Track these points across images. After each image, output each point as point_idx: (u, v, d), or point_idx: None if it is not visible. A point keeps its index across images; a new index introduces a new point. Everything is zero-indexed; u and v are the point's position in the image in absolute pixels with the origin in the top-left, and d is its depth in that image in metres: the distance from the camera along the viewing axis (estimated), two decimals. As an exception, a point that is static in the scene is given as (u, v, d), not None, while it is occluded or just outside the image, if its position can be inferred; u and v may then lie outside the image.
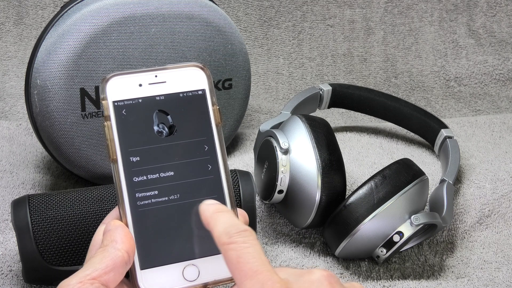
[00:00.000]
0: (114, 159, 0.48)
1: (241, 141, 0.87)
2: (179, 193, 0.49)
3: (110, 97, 0.49)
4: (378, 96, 0.84)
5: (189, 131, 0.50)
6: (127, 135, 0.49)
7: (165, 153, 0.49)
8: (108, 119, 0.48)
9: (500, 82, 1.05)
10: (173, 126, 0.50)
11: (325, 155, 0.63)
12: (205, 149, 0.50)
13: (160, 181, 0.49)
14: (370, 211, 0.61)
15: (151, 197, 0.48)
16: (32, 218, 0.57)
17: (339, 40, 1.05)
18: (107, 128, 0.48)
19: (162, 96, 0.50)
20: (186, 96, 0.50)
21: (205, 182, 0.49)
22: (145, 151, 0.49)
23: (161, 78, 0.50)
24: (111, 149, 0.48)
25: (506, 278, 0.66)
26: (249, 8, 1.03)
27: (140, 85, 0.49)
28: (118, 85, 0.49)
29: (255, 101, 0.99)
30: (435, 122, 0.81)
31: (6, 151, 0.81)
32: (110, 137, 0.48)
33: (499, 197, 0.74)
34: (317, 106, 0.83)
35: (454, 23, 1.07)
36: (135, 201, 0.48)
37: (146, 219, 0.48)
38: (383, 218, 0.61)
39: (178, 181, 0.49)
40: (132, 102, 0.49)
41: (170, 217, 0.48)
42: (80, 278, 0.43)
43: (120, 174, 0.48)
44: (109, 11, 0.70)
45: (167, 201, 0.49)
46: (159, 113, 0.49)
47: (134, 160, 0.48)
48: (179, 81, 0.50)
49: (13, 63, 0.99)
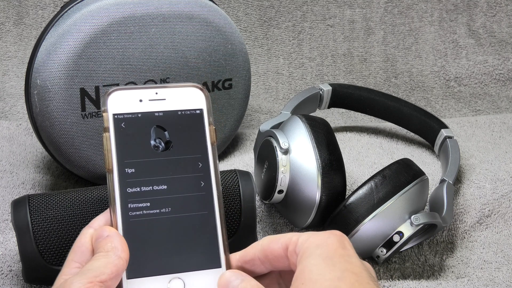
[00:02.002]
0: (109, 169, 0.49)
1: (241, 141, 0.87)
2: (171, 206, 0.50)
3: (110, 110, 0.50)
4: (378, 96, 0.84)
5: (184, 148, 0.52)
6: (124, 147, 0.50)
7: (159, 167, 0.51)
8: (107, 130, 0.50)
9: (500, 82, 1.05)
10: (169, 142, 0.51)
11: (325, 155, 0.63)
12: (199, 166, 0.51)
13: (153, 193, 0.50)
14: (370, 211, 0.61)
15: (143, 208, 0.49)
16: (32, 218, 0.57)
17: (339, 40, 1.05)
18: (106, 139, 0.50)
19: (161, 113, 0.52)
20: (184, 114, 0.52)
21: (197, 198, 0.51)
22: (141, 163, 0.50)
23: (161, 95, 0.52)
24: (107, 159, 0.50)
25: (506, 278, 0.66)
26: (249, 8, 1.03)
27: (140, 100, 0.51)
28: (119, 99, 0.51)
29: (255, 101, 0.99)
30: (435, 122, 0.81)
31: (6, 151, 0.81)
32: (108, 148, 0.50)
33: (499, 197, 0.74)
34: (317, 106, 0.83)
35: (454, 23, 1.07)
36: (127, 211, 0.49)
37: (137, 229, 0.49)
38: (383, 218, 0.61)
39: (170, 195, 0.50)
40: (131, 116, 0.51)
41: (160, 229, 0.49)
42: (89, 279, 0.43)
43: (115, 184, 0.49)
44: (109, 11, 0.70)
45: (158, 213, 0.50)
46: (157, 128, 0.51)
47: (129, 171, 0.50)
48: (179, 99, 0.52)
49: (13, 63, 0.99)
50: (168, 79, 0.73)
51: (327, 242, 0.45)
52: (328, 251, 0.44)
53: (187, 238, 0.50)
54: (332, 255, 0.44)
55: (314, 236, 0.45)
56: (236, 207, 0.61)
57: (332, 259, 0.44)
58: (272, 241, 0.47)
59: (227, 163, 0.81)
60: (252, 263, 0.48)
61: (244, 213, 0.61)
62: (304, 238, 0.46)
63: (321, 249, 0.44)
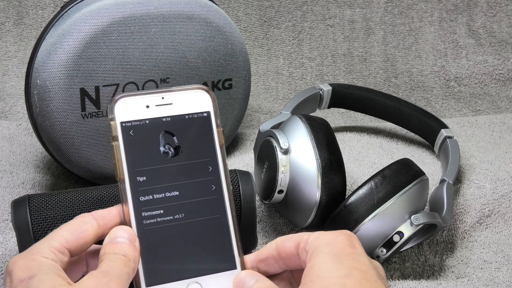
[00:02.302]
0: (121, 179, 0.49)
1: (241, 141, 0.87)
2: (184, 212, 0.50)
3: (118, 118, 0.50)
4: (378, 96, 0.84)
5: (194, 152, 0.51)
6: (134, 155, 0.50)
7: (170, 173, 0.50)
8: (116, 139, 0.49)
9: (500, 82, 1.05)
10: (178, 147, 0.51)
11: (325, 155, 0.63)
12: (209, 170, 0.51)
13: (165, 200, 0.50)
14: (370, 211, 0.61)
15: (156, 216, 0.50)
16: (32, 218, 0.57)
17: (339, 40, 1.05)
18: (115, 148, 0.49)
19: (169, 118, 0.51)
20: (191, 117, 0.52)
21: (209, 202, 0.51)
22: (152, 171, 0.50)
23: (168, 100, 0.51)
24: (118, 168, 0.49)
25: (506, 278, 0.66)
26: (249, 8, 1.03)
27: (147, 106, 0.51)
28: (126, 106, 0.50)
29: (255, 101, 0.99)
30: (435, 122, 0.81)
31: (6, 151, 0.81)
32: (118, 157, 0.49)
33: (499, 197, 0.74)
34: (317, 106, 0.83)
35: (454, 23, 1.07)
36: (142, 219, 0.49)
37: (152, 237, 0.49)
38: (383, 218, 0.61)
39: (182, 200, 0.50)
40: (139, 123, 0.50)
41: (174, 235, 0.50)
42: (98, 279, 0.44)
43: (127, 193, 0.49)
44: (109, 11, 0.70)
45: (172, 220, 0.50)
46: (165, 134, 0.51)
47: (140, 179, 0.50)
48: (185, 103, 0.52)
49: (13, 63, 0.99)
50: (168, 79, 0.73)
51: (336, 241, 0.46)
52: (337, 249, 0.45)
53: (201, 242, 0.50)
54: (341, 253, 0.45)
55: (324, 235, 0.46)
56: (236, 207, 0.61)
57: (340, 257, 0.45)
58: (285, 239, 0.48)
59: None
60: (267, 263, 0.49)
61: (244, 213, 0.61)
62: (314, 237, 0.46)
63: (330, 247, 0.45)
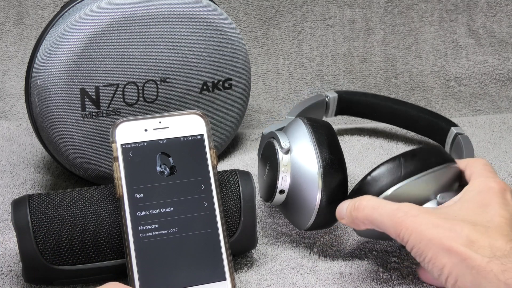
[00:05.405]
0: (120, 196, 0.54)
1: (241, 141, 0.87)
2: (178, 227, 0.55)
3: (118, 141, 0.55)
4: (384, 101, 0.84)
5: (188, 172, 0.56)
6: (133, 174, 0.55)
7: (166, 191, 0.55)
8: (117, 160, 0.55)
9: (500, 82, 1.05)
10: (174, 167, 0.56)
11: (326, 155, 0.63)
12: (201, 188, 0.56)
13: (160, 216, 0.54)
14: (396, 182, 0.59)
15: (152, 230, 0.54)
16: (32, 218, 0.57)
17: (339, 40, 1.05)
18: (116, 168, 0.55)
19: (165, 140, 0.56)
20: (186, 140, 0.57)
21: (201, 218, 0.55)
22: (148, 189, 0.55)
23: (165, 123, 0.57)
24: (118, 186, 0.54)
25: (506, 278, 0.66)
26: (249, 8, 1.03)
27: (145, 130, 0.56)
28: (126, 129, 0.56)
29: (255, 101, 0.99)
30: (444, 121, 0.81)
31: (6, 151, 0.81)
32: (118, 176, 0.54)
33: (499, 197, 0.73)
34: (324, 113, 0.82)
35: (454, 23, 1.07)
36: (138, 233, 0.53)
37: (148, 249, 0.53)
38: (408, 193, 0.59)
39: (177, 216, 0.55)
40: (138, 145, 0.56)
41: (169, 248, 0.54)
42: None
43: (126, 209, 0.54)
44: (109, 11, 0.70)
45: (167, 234, 0.54)
46: (161, 155, 0.56)
47: (138, 196, 0.54)
48: (181, 126, 0.57)
49: (13, 63, 0.99)
50: (168, 79, 0.73)
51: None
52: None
53: (194, 254, 0.54)
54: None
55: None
56: (236, 207, 0.61)
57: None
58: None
59: (227, 163, 0.81)
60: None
61: (244, 213, 0.61)
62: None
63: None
